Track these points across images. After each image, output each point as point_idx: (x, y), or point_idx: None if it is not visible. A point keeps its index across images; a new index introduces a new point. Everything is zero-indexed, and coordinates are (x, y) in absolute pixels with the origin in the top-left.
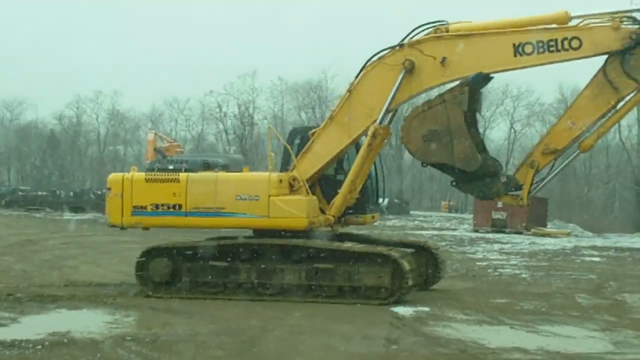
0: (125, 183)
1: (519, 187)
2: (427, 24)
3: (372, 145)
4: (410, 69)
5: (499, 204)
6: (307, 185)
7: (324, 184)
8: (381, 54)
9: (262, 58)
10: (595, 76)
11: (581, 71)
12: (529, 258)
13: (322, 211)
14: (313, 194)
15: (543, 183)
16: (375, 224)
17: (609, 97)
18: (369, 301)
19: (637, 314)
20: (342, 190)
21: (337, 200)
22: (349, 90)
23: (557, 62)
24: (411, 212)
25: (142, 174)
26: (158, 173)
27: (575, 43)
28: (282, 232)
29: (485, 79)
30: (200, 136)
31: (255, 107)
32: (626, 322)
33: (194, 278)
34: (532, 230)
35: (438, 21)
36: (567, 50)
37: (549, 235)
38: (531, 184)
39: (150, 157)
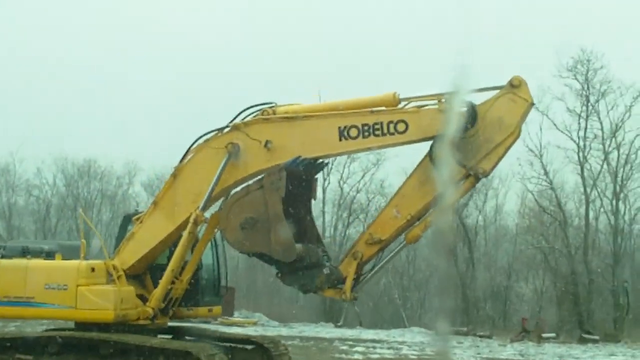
0: None
1: (342, 280)
2: (255, 105)
3: (193, 233)
4: (235, 153)
5: None
6: (124, 275)
7: (156, 273)
8: (207, 136)
9: None
10: (421, 162)
11: None
12: None
13: None
14: (143, 283)
15: (369, 275)
16: None
17: (437, 184)
18: None
19: None
20: (162, 281)
21: (157, 292)
22: (174, 175)
23: (384, 146)
24: None
25: None
26: None
27: (401, 127)
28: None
29: (317, 165)
30: None
31: None
32: None
33: None
34: (219, 319)
35: (266, 103)
36: (392, 134)
37: (235, 324)
38: (356, 277)
39: None
